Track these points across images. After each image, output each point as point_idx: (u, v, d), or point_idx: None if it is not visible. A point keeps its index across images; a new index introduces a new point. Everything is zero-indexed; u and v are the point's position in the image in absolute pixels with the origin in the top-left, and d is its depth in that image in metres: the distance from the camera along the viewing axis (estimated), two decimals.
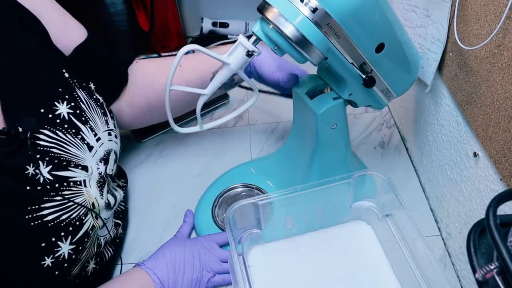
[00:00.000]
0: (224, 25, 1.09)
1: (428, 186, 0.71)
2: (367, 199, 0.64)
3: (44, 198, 0.47)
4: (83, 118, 0.53)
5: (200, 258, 0.61)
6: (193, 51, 0.47)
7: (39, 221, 0.46)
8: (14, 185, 0.45)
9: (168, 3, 1.00)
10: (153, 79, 0.67)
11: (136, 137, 0.86)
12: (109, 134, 0.58)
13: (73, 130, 0.51)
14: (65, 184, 0.49)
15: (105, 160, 0.56)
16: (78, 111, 0.53)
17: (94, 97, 0.58)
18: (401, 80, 0.59)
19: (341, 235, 0.66)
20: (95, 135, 0.55)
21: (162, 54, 1.07)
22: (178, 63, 0.46)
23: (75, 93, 0.54)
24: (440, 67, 0.60)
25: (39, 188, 0.46)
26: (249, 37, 0.47)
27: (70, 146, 0.51)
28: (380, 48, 0.50)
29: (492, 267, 0.28)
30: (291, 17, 0.43)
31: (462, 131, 0.57)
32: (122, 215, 0.68)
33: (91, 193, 0.52)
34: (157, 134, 0.87)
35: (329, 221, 0.67)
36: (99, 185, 0.54)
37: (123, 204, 0.71)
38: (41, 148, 0.48)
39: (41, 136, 0.48)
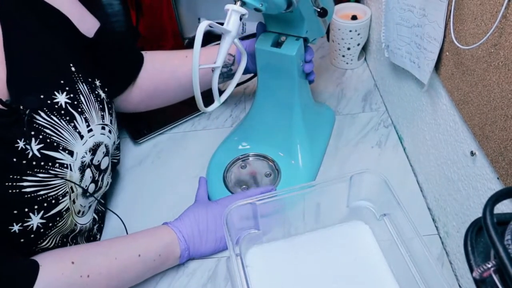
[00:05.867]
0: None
1: (426, 185, 0.71)
2: (364, 199, 0.64)
3: (28, 172, 0.50)
4: (79, 109, 0.59)
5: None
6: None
7: (17, 190, 0.49)
8: (1, 153, 0.49)
9: (164, 3, 0.99)
10: (162, 65, 0.76)
11: (133, 137, 0.86)
12: (103, 128, 0.63)
13: (68, 118, 0.56)
14: (50, 164, 0.53)
15: (93, 150, 0.61)
16: (75, 102, 0.58)
17: (96, 92, 0.63)
18: (330, 7, 0.73)
19: (338, 235, 0.66)
20: (88, 126, 0.60)
21: None
22: (200, 42, 0.50)
23: (76, 86, 0.59)
24: (437, 67, 0.60)
25: (24, 162, 0.51)
26: (235, 2, 0.53)
27: (63, 131, 0.56)
28: None
29: (489, 266, 0.28)
30: None
31: (459, 130, 0.57)
32: (101, 214, 0.72)
33: (73, 177, 0.57)
34: (153, 134, 0.87)
35: (327, 221, 0.67)
36: (81, 171, 0.58)
37: (103, 204, 0.74)
38: (36, 126, 0.53)
39: (38, 117, 0.53)
